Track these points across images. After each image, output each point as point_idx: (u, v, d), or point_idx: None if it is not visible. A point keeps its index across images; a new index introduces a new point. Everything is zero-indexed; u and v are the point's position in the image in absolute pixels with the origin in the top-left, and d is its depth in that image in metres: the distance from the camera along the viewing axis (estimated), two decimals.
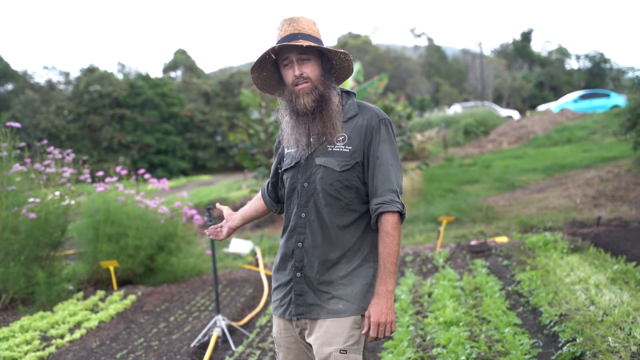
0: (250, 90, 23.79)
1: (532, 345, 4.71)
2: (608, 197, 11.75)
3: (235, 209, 16.94)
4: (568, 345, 4.38)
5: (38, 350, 5.88)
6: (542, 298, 5.61)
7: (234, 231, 3.16)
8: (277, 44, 2.64)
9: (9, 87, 51.19)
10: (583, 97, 33.64)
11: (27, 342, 6.04)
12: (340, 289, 2.64)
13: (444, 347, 4.68)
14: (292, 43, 2.58)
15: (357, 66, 16.83)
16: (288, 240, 2.74)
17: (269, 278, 8.44)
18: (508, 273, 7.19)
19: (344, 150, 2.65)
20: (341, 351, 2.57)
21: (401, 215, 2.63)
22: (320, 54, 2.71)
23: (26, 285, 7.54)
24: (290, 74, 2.66)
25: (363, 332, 2.57)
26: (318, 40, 2.68)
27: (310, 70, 2.64)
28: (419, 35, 76.69)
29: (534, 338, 4.88)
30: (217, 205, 3.29)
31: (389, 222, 2.60)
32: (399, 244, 2.61)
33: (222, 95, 44.08)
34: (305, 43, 2.58)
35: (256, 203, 3.17)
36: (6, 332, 6.28)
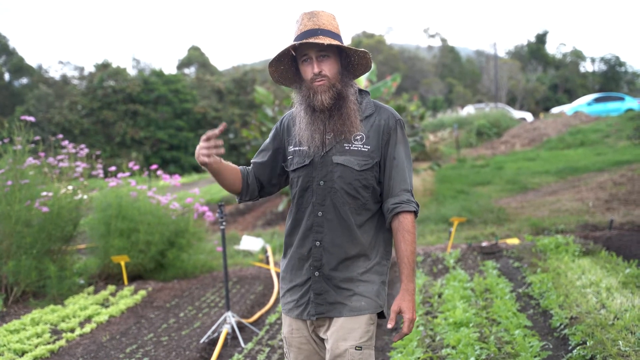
0: (263, 87, 23.82)
1: (542, 347, 4.70)
2: (621, 200, 11.67)
3: (248, 207, 16.71)
4: (578, 348, 4.37)
5: (48, 343, 5.91)
6: (553, 301, 5.58)
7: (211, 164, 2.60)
8: (295, 39, 2.63)
9: (24, 81, 51.54)
10: (597, 100, 33.50)
11: (38, 335, 6.07)
12: (361, 286, 2.65)
13: (453, 347, 4.67)
14: (313, 41, 2.56)
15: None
16: (304, 239, 2.71)
17: (279, 275, 8.45)
18: (519, 275, 7.17)
19: (363, 149, 2.64)
20: (356, 347, 2.59)
21: (415, 214, 2.67)
22: (340, 51, 2.69)
23: (37, 278, 7.58)
24: (308, 70, 2.64)
25: (389, 326, 2.56)
26: (337, 36, 2.65)
27: (329, 67, 2.62)
28: (432, 36, 76.67)
29: (544, 340, 4.87)
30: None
31: (408, 221, 2.63)
32: (415, 241, 2.65)
33: (235, 92, 44.15)
34: (327, 41, 2.56)
35: (236, 174, 2.79)
36: (17, 324, 6.32)
